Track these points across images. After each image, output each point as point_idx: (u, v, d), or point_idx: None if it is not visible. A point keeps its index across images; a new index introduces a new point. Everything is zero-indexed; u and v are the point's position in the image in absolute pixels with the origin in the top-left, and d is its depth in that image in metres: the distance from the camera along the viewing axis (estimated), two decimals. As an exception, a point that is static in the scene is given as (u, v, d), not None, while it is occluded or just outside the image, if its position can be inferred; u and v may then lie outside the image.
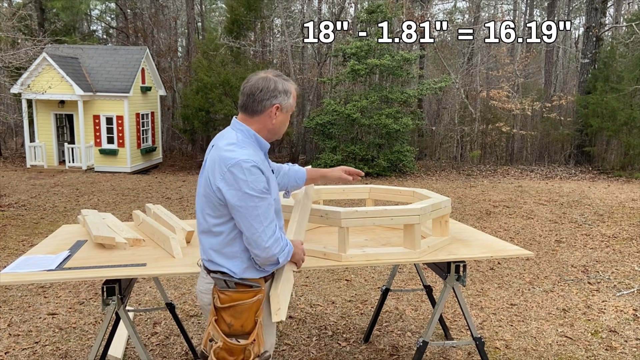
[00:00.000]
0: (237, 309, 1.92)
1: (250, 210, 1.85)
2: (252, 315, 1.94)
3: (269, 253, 1.89)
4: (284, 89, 1.98)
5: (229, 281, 1.94)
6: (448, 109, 20.21)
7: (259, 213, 1.86)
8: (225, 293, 1.94)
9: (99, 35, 27.22)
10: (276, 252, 1.91)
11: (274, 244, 1.90)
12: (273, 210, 1.92)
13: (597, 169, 16.81)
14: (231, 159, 1.85)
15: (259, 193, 1.85)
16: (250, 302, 1.93)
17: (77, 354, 3.61)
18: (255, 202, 1.85)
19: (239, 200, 1.84)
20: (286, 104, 2.00)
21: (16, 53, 11.47)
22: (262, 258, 1.91)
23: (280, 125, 2.03)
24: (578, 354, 3.68)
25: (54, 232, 3.05)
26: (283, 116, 2.01)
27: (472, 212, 9.27)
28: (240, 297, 1.93)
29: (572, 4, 24.31)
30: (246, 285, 1.95)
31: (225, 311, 1.93)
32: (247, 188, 1.83)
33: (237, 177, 1.83)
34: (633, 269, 5.74)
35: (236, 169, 1.83)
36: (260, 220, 1.86)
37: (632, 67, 16.20)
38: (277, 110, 1.98)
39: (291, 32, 21.80)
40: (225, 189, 1.85)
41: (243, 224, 1.87)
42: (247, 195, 1.84)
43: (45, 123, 16.19)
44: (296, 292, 4.91)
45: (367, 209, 2.53)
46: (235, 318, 1.92)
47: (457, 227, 3.23)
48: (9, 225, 7.79)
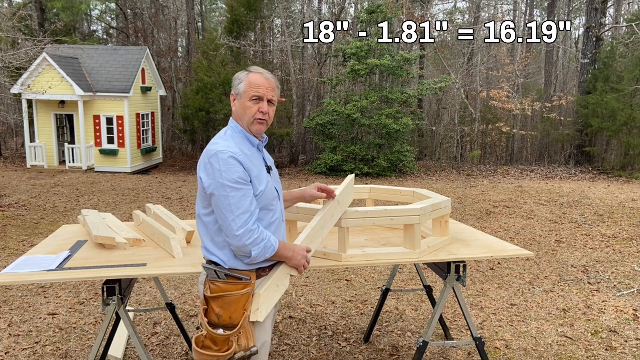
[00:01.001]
0: (225, 300, 1.96)
1: (222, 199, 1.92)
2: (240, 308, 1.97)
3: (239, 242, 1.93)
4: (237, 77, 2.10)
5: (219, 272, 1.99)
6: (448, 109, 20.21)
7: (230, 202, 1.92)
8: (215, 283, 1.99)
9: (99, 35, 27.23)
10: (247, 243, 1.93)
11: (245, 235, 1.92)
12: (249, 201, 1.95)
13: (597, 169, 16.81)
14: (211, 150, 1.96)
15: (231, 182, 1.92)
16: (238, 294, 1.97)
17: (77, 354, 3.62)
18: (227, 192, 1.91)
19: (213, 189, 1.93)
20: (238, 89, 2.08)
21: (16, 53, 11.47)
22: (234, 247, 1.97)
23: (240, 111, 2.08)
24: (578, 354, 3.68)
25: (54, 232, 3.05)
26: (239, 102, 2.08)
27: (472, 212, 9.27)
28: (229, 288, 1.97)
29: (572, 4, 24.31)
30: (235, 277, 1.99)
31: (214, 301, 1.98)
32: (220, 177, 1.91)
33: (213, 167, 1.93)
34: (633, 269, 5.74)
35: (213, 159, 1.94)
36: (231, 210, 1.92)
37: (632, 67, 16.20)
38: (234, 97, 2.11)
39: (291, 32, 21.80)
40: (204, 178, 1.96)
41: (217, 212, 1.96)
42: (219, 184, 1.92)
43: (46, 123, 16.19)
44: (296, 292, 4.91)
45: (367, 209, 2.53)
46: (224, 309, 1.96)
47: (457, 227, 3.23)
48: (9, 225, 7.79)
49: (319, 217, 2.36)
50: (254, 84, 2.05)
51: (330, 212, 2.42)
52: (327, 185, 2.42)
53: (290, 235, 2.70)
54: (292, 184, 13.59)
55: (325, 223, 2.39)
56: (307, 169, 16.44)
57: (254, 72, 2.08)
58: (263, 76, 2.07)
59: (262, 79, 2.06)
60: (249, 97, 2.05)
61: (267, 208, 2.06)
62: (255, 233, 1.95)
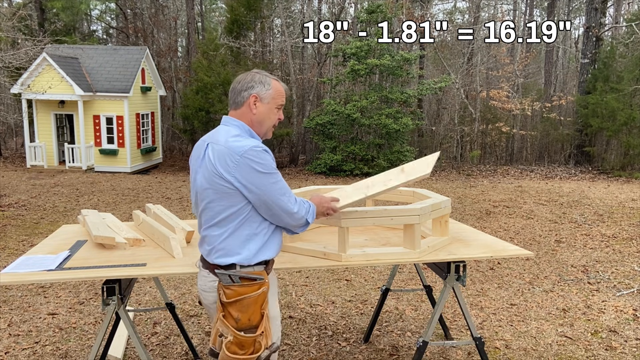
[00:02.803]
0: (243, 303, 1.96)
1: (272, 187, 1.97)
2: (258, 308, 1.98)
3: (298, 217, 2.04)
4: (260, 80, 2.06)
5: (234, 276, 1.98)
6: (448, 109, 20.21)
7: (280, 187, 1.99)
8: (231, 288, 1.98)
9: (99, 35, 27.22)
10: (303, 214, 2.06)
11: (300, 208, 2.05)
12: (284, 181, 2.04)
13: (597, 169, 16.81)
14: (241, 147, 1.94)
15: (274, 170, 1.98)
16: (256, 294, 1.98)
17: (77, 354, 3.62)
18: (275, 178, 1.98)
19: (259, 181, 1.95)
20: (265, 94, 2.05)
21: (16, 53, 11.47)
22: (293, 225, 2.07)
23: (263, 116, 2.07)
24: (578, 354, 3.68)
25: (54, 232, 3.05)
26: (264, 107, 2.06)
27: (472, 212, 9.27)
28: (246, 290, 1.97)
29: (572, 4, 24.31)
30: (250, 278, 1.99)
31: (232, 306, 1.97)
32: (262, 168, 1.94)
33: (253, 161, 1.93)
34: (633, 269, 5.74)
35: (249, 154, 1.93)
36: (283, 192, 2.00)
37: (632, 67, 16.20)
38: (256, 99, 2.05)
39: (291, 32, 21.79)
40: (241, 175, 1.93)
41: (268, 201, 1.98)
42: (265, 175, 1.95)
43: (45, 123, 16.18)
44: (296, 292, 4.91)
45: (367, 209, 2.53)
46: (242, 312, 1.96)
47: (457, 227, 3.23)
48: (9, 225, 7.79)
49: (373, 178, 2.44)
50: (281, 93, 2.11)
51: (387, 177, 2.45)
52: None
53: (290, 236, 2.69)
54: (292, 184, 13.60)
55: (374, 182, 2.43)
56: (307, 169, 16.44)
57: (275, 79, 2.12)
58: (285, 86, 2.16)
59: (285, 88, 2.16)
60: (276, 104, 2.09)
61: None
62: (304, 204, 2.09)
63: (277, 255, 2.58)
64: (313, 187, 3.22)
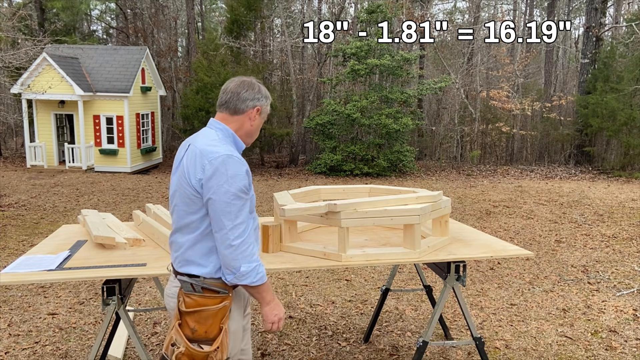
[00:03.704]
0: (202, 315, 1.88)
1: (223, 206, 1.82)
2: (217, 322, 1.89)
3: (232, 253, 1.83)
4: (266, 94, 2.05)
5: (196, 285, 1.90)
6: (448, 109, 20.21)
7: (230, 210, 1.83)
8: (191, 297, 1.90)
9: (99, 35, 27.22)
10: (239, 257, 1.84)
11: (240, 246, 1.83)
12: (247, 212, 1.88)
13: (597, 169, 16.81)
14: (214, 153, 1.85)
15: (237, 191, 1.83)
16: (216, 308, 1.89)
17: (77, 354, 3.61)
18: (230, 199, 1.83)
19: (214, 193, 1.82)
20: (265, 109, 2.05)
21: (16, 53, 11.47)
22: (225, 258, 1.85)
23: (256, 128, 2.06)
24: (578, 354, 3.68)
25: (54, 232, 3.05)
26: (259, 120, 2.05)
27: (472, 212, 9.27)
28: (206, 302, 1.89)
29: (572, 4, 24.31)
30: (213, 290, 1.91)
31: (189, 315, 1.89)
32: (226, 183, 1.82)
33: (219, 171, 1.82)
34: (633, 269, 5.74)
35: (219, 162, 1.83)
36: (231, 218, 1.83)
37: (632, 67, 16.20)
38: (257, 112, 2.03)
39: (291, 32, 21.80)
40: (205, 181, 1.84)
41: (213, 218, 1.85)
42: (224, 191, 1.82)
43: (45, 123, 16.18)
44: (296, 292, 4.91)
45: (367, 209, 2.53)
46: (200, 323, 1.88)
47: (457, 227, 3.23)
48: (9, 225, 7.79)
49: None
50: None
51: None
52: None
53: (290, 236, 2.70)
54: (292, 184, 13.60)
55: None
56: (307, 169, 16.44)
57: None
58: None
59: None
60: (265, 118, 2.09)
61: (252, 214, 2.00)
62: (250, 248, 1.86)
63: (277, 255, 2.59)
64: (313, 187, 3.22)
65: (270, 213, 8.96)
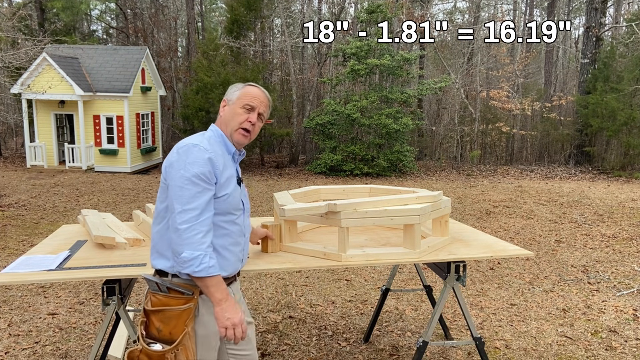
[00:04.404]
0: (165, 314, 1.87)
1: (176, 190, 1.84)
2: (181, 323, 1.87)
3: (178, 237, 1.80)
4: (234, 86, 2.09)
5: (161, 284, 1.90)
6: (448, 109, 20.21)
7: (182, 194, 1.82)
8: (156, 296, 1.90)
9: (99, 35, 27.22)
10: (183, 241, 1.79)
11: (186, 231, 1.79)
12: (205, 201, 1.85)
13: (597, 169, 16.81)
14: (183, 143, 1.91)
15: (192, 176, 1.83)
16: (179, 309, 1.87)
17: (77, 354, 3.61)
18: (183, 183, 1.83)
19: (171, 177, 1.87)
20: (230, 97, 2.06)
21: (16, 53, 11.47)
22: (172, 243, 1.83)
23: (228, 117, 2.04)
24: (578, 354, 3.68)
25: (54, 232, 3.05)
26: (230, 108, 2.05)
27: (472, 212, 9.26)
28: (170, 302, 1.88)
29: (572, 4, 24.31)
30: (178, 291, 1.90)
31: (154, 315, 1.89)
32: (182, 168, 1.85)
33: (180, 157, 1.87)
34: (633, 269, 5.74)
35: (182, 149, 1.88)
36: (181, 202, 1.82)
37: (632, 67, 16.20)
38: (225, 103, 2.07)
39: (291, 32, 21.79)
40: (167, 167, 1.90)
41: (168, 203, 1.88)
42: (179, 175, 1.84)
43: (45, 123, 16.18)
44: (296, 292, 4.91)
45: (367, 209, 2.53)
46: (164, 323, 1.87)
47: (457, 227, 3.23)
48: (9, 225, 7.79)
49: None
50: (249, 94, 2.04)
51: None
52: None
53: (290, 236, 2.70)
54: (292, 184, 13.60)
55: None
56: (307, 169, 16.44)
57: (252, 85, 2.09)
58: (260, 90, 2.08)
59: (260, 92, 2.07)
60: (242, 104, 2.02)
61: (230, 214, 1.97)
62: (198, 236, 1.81)
63: (277, 255, 2.59)
64: (313, 187, 3.22)
65: (270, 213, 8.96)
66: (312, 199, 3.18)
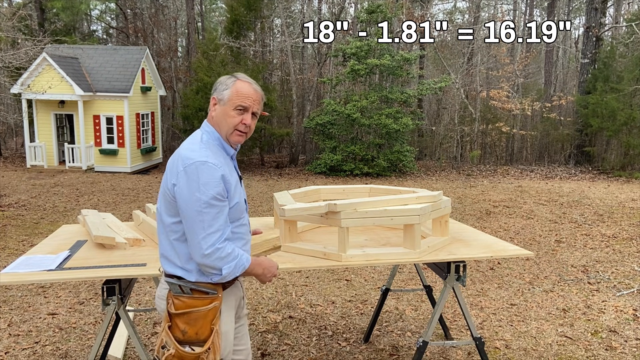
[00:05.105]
0: (191, 316, 1.86)
1: (195, 215, 1.80)
2: (207, 323, 1.87)
3: (207, 261, 1.82)
4: (223, 81, 1.97)
5: (184, 286, 1.88)
6: (448, 109, 20.21)
7: (203, 219, 1.80)
8: (180, 299, 1.88)
9: (99, 35, 27.22)
10: (216, 263, 1.83)
11: (213, 254, 1.81)
12: (223, 219, 1.85)
13: (597, 169, 16.81)
14: (189, 159, 1.83)
15: (209, 199, 1.80)
16: (206, 309, 1.87)
17: (77, 354, 3.61)
18: (202, 208, 1.79)
19: (185, 201, 1.81)
20: (220, 95, 1.94)
21: (16, 53, 11.47)
22: (201, 266, 1.85)
23: (219, 119, 1.94)
24: (578, 354, 3.68)
25: (54, 232, 3.05)
26: (221, 108, 1.94)
27: (472, 212, 9.26)
28: (195, 303, 1.87)
29: (572, 4, 24.31)
30: (202, 291, 1.89)
31: (179, 317, 1.87)
32: (197, 191, 1.79)
33: (191, 178, 1.80)
34: (633, 269, 5.74)
35: (192, 169, 1.80)
36: (204, 227, 1.80)
37: (632, 67, 16.20)
38: (215, 102, 1.97)
39: (291, 32, 21.79)
40: (177, 187, 1.83)
41: (186, 226, 1.84)
42: (196, 199, 1.79)
43: (45, 123, 16.18)
44: (296, 292, 4.91)
45: (367, 209, 2.53)
46: (190, 325, 1.86)
47: (457, 227, 3.23)
48: (9, 225, 7.79)
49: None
50: (241, 94, 1.93)
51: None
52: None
53: (290, 236, 2.70)
54: (292, 184, 13.60)
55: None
56: (307, 169, 16.44)
57: (242, 80, 1.96)
58: (252, 87, 1.96)
59: (251, 89, 1.95)
60: (234, 106, 1.92)
61: (239, 221, 1.97)
62: (225, 251, 1.84)
63: (277, 255, 2.59)
64: (313, 187, 3.22)
65: (270, 213, 8.96)
66: (312, 199, 3.18)
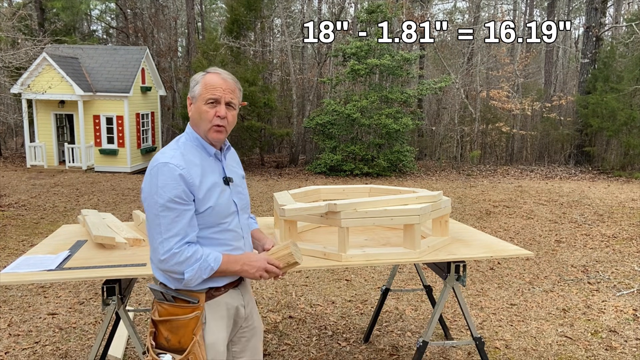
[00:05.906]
0: (173, 324, 1.84)
1: (152, 218, 1.77)
2: (189, 332, 1.83)
3: (165, 266, 1.77)
4: (193, 79, 1.90)
5: (167, 294, 1.86)
6: (448, 109, 20.21)
7: (159, 223, 1.75)
8: (162, 306, 1.86)
9: (99, 35, 27.22)
10: (175, 267, 1.76)
11: (170, 259, 1.75)
12: (184, 222, 1.77)
13: (597, 169, 16.81)
14: (155, 160, 1.80)
15: (166, 201, 1.74)
16: (186, 318, 1.83)
17: (77, 354, 3.61)
18: (159, 211, 1.75)
19: (147, 205, 1.79)
20: (192, 93, 1.88)
21: (16, 53, 11.47)
22: (167, 272, 1.80)
23: (195, 116, 1.87)
24: (578, 354, 3.68)
25: (54, 232, 3.05)
26: (195, 106, 1.87)
27: (472, 212, 9.26)
28: (177, 311, 1.84)
29: (572, 4, 24.31)
30: (183, 299, 1.86)
31: (162, 325, 1.85)
32: (155, 194, 1.75)
33: (152, 180, 1.77)
34: (633, 269, 5.74)
35: (153, 170, 1.78)
36: (160, 231, 1.75)
37: (632, 67, 16.20)
38: (190, 102, 1.91)
39: (291, 32, 21.79)
40: (142, 190, 1.82)
41: (147, 231, 1.82)
42: (153, 202, 1.76)
43: (45, 123, 16.19)
44: (296, 292, 4.91)
45: (367, 209, 2.53)
46: (173, 333, 1.84)
47: (457, 227, 3.23)
48: (9, 225, 7.79)
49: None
50: (209, 86, 1.84)
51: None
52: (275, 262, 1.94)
53: (290, 236, 2.70)
54: (292, 184, 13.60)
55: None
56: (307, 169, 16.44)
57: (211, 72, 1.87)
58: (220, 77, 1.86)
59: (220, 79, 1.85)
60: (204, 100, 1.83)
61: (220, 226, 1.87)
62: (183, 255, 1.76)
63: (277, 255, 2.58)
64: (313, 187, 3.22)
65: (270, 213, 8.96)
66: (312, 199, 3.18)
